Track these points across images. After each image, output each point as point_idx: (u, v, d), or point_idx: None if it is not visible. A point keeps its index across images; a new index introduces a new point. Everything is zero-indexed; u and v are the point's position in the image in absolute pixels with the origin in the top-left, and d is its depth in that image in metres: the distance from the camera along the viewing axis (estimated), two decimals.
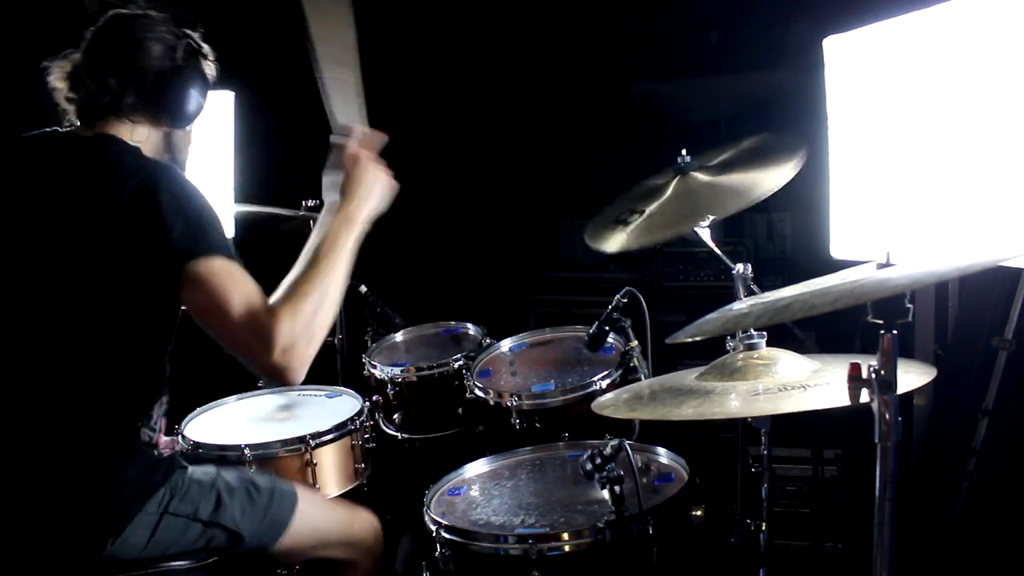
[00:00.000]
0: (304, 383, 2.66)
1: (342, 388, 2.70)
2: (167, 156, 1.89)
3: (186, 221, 1.67)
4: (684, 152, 2.30)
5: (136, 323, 1.73)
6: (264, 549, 1.93)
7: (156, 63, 1.79)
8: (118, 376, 1.74)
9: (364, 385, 2.80)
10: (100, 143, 1.78)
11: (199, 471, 1.89)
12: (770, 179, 2.11)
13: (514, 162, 4.50)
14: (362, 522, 2.13)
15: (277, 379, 1.67)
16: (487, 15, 4.27)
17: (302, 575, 2.28)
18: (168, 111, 1.83)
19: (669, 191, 2.26)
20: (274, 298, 1.70)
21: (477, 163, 4.45)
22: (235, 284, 1.67)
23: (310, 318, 1.68)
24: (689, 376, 1.66)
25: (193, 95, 1.85)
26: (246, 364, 1.69)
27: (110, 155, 1.75)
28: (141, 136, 1.82)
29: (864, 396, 1.23)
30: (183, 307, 1.75)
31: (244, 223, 2.89)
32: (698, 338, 1.37)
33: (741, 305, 1.48)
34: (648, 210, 2.25)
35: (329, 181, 1.88)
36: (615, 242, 2.25)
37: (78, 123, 1.83)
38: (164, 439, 1.89)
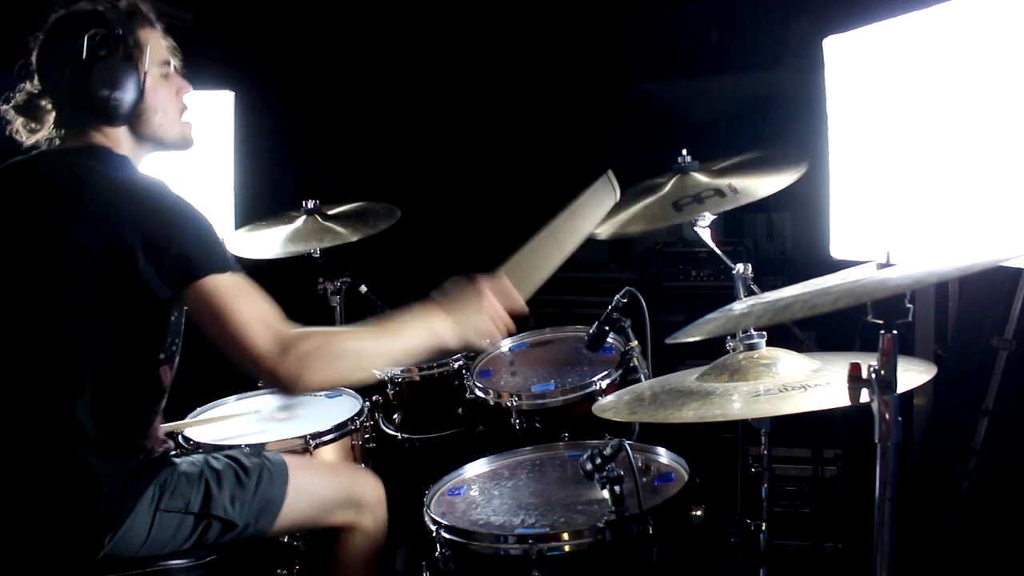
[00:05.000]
0: None
1: (342, 388, 2.70)
2: (147, 144, 1.84)
3: (182, 242, 1.63)
4: (684, 152, 2.30)
5: (119, 334, 1.71)
6: (263, 533, 1.91)
7: (68, 71, 1.72)
8: (107, 386, 1.72)
9: (364, 385, 2.80)
10: (87, 155, 1.75)
11: (186, 463, 1.88)
12: (769, 185, 2.13)
13: (514, 162, 4.50)
14: (363, 482, 2.11)
15: (283, 383, 1.62)
16: (487, 15, 4.28)
17: (302, 575, 2.28)
18: (103, 110, 1.74)
19: (667, 188, 2.28)
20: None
21: (477, 163, 4.45)
22: (244, 293, 1.64)
23: (336, 348, 1.66)
24: (690, 377, 1.66)
25: (111, 86, 1.72)
26: (253, 368, 1.63)
27: (96, 171, 1.72)
28: (113, 137, 1.78)
29: (864, 396, 1.23)
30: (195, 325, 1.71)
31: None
32: (698, 338, 1.37)
33: (741, 305, 1.48)
34: (642, 204, 2.28)
35: (450, 289, 1.81)
36: (604, 229, 2.27)
37: (57, 141, 1.81)
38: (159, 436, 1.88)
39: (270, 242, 2.87)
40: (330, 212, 2.96)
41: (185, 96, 1.89)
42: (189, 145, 1.91)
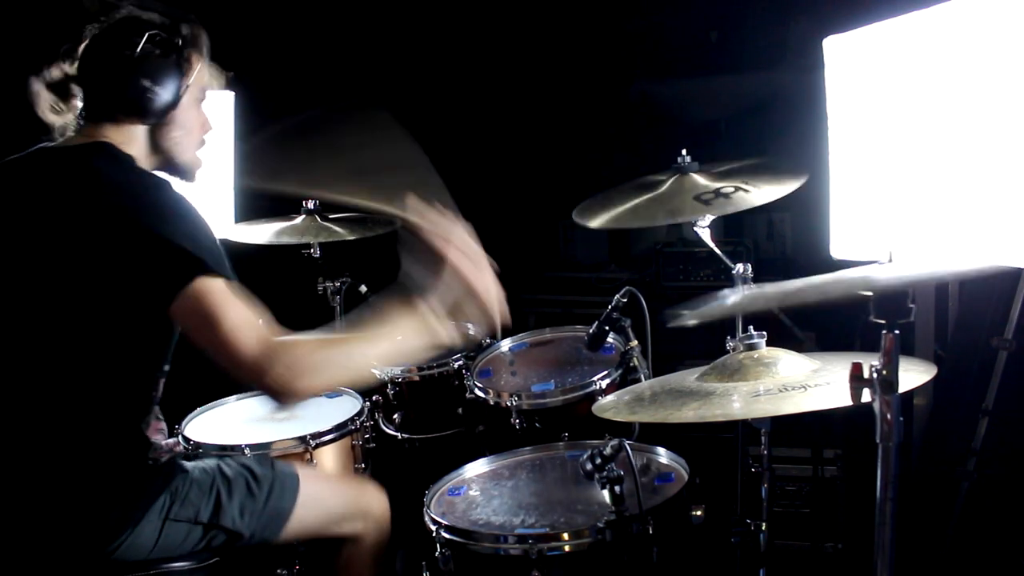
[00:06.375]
0: None
1: (342, 388, 2.70)
2: (158, 157, 1.84)
3: (175, 242, 1.62)
4: (684, 152, 2.30)
5: (126, 338, 1.70)
6: (268, 542, 1.93)
7: (118, 58, 1.74)
8: (109, 389, 1.72)
9: (363, 385, 2.79)
10: (88, 152, 1.75)
11: (198, 470, 1.88)
12: (769, 190, 2.14)
13: (514, 162, 4.49)
14: (368, 494, 2.13)
15: (272, 392, 1.62)
16: (487, 14, 4.28)
17: (302, 575, 2.28)
18: (136, 100, 1.75)
19: (665, 186, 2.28)
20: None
21: (477, 163, 4.45)
22: (235, 299, 1.62)
23: (323, 356, 1.65)
24: (690, 377, 1.66)
25: (154, 79, 1.75)
26: (241, 375, 1.62)
27: (96, 168, 1.71)
28: (127, 136, 1.78)
29: (866, 396, 1.23)
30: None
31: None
32: (703, 320, 1.36)
33: (735, 296, 1.48)
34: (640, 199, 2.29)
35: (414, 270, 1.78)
36: (599, 220, 2.28)
37: (71, 133, 1.81)
38: (169, 440, 1.88)
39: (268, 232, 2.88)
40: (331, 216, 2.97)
41: (206, 134, 1.93)
42: (193, 178, 1.92)
